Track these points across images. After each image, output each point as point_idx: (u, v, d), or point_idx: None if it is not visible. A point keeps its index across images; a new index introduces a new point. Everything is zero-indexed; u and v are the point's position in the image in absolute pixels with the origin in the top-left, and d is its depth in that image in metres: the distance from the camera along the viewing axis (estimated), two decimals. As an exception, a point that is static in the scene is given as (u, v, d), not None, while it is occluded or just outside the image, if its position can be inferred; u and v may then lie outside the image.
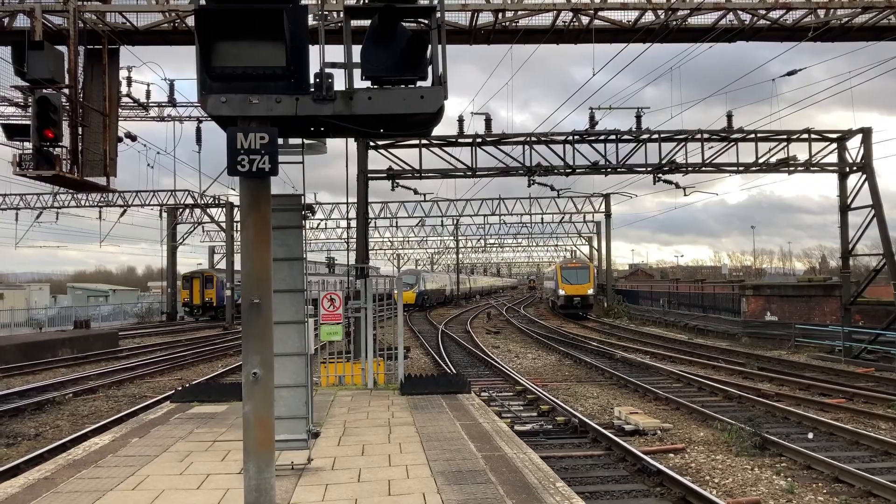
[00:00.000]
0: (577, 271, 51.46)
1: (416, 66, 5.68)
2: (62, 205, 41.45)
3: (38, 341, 27.60)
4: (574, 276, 50.99)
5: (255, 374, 5.50)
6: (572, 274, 51.23)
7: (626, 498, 8.85)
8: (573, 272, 51.41)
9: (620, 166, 24.73)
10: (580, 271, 51.63)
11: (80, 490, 6.51)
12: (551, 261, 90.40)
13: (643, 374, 20.41)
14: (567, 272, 51.54)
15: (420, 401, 11.20)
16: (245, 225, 5.72)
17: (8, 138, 15.38)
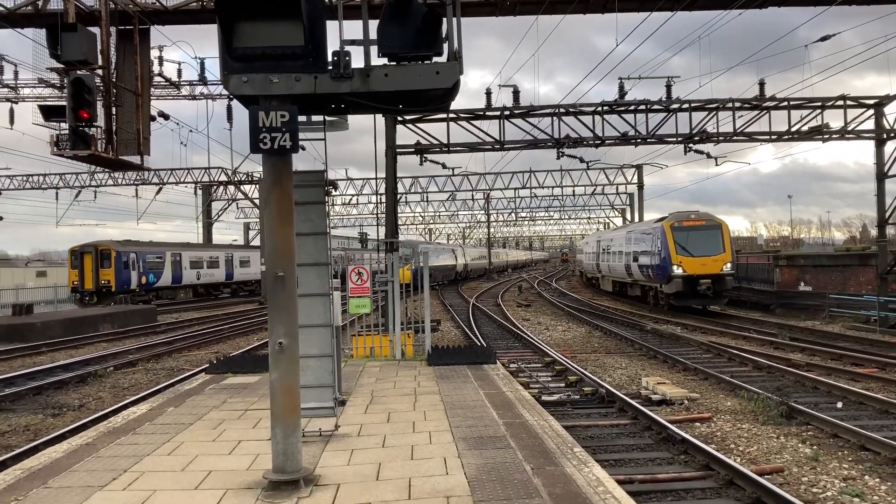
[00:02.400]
0: (701, 234, 29.10)
1: (432, 43, 5.80)
2: (100, 184, 42.25)
3: (80, 317, 28.42)
4: (697, 241, 28.97)
5: (281, 344, 5.74)
6: (694, 238, 29.02)
7: (649, 465, 8.96)
8: (695, 235, 29.06)
9: (651, 137, 24.52)
10: (707, 233, 29.18)
11: (119, 455, 6.85)
12: (584, 233, 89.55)
13: (673, 345, 20.41)
14: (683, 234, 29.11)
15: (446, 371, 11.42)
16: (268, 201, 5.93)
17: (45, 119, 15.78)
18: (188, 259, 47.20)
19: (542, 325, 27.05)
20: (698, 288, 28.54)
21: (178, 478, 6.10)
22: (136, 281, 41.41)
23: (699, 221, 30.26)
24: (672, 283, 29.24)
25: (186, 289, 47.66)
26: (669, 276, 29.27)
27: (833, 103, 24.28)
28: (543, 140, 24.22)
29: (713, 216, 30.99)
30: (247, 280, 54.31)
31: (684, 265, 28.93)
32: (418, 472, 6.03)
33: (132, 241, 42.96)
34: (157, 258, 43.92)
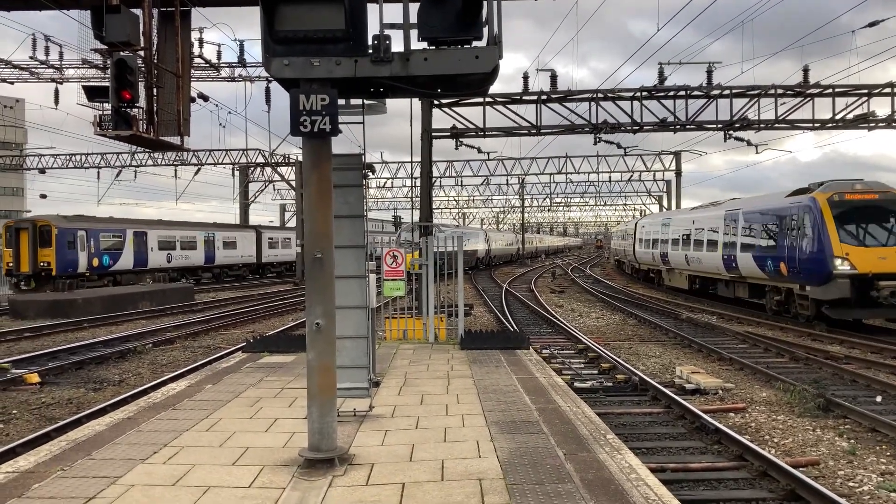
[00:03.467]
0: (879, 211, 20.65)
1: (472, 26, 5.79)
2: (140, 164, 42.96)
3: (120, 294, 29.05)
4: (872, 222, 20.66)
5: (318, 325, 5.82)
6: (867, 219, 20.71)
7: (682, 454, 8.91)
8: (869, 214, 20.72)
9: (690, 123, 24.17)
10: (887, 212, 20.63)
11: (159, 430, 7.02)
12: (619, 219, 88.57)
13: (708, 334, 20.20)
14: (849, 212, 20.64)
15: (479, 355, 11.47)
16: (308, 183, 6.00)
17: (89, 100, 16.08)
18: (156, 238, 41.79)
19: (575, 311, 26.96)
20: (876, 293, 19.49)
21: (215, 454, 6.24)
22: (87, 263, 35.64)
23: (871, 194, 20.60)
24: (832, 284, 19.91)
25: (155, 273, 41.49)
26: (827, 273, 19.98)
27: (880, 90, 23.66)
28: (581, 125, 24.02)
29: (890, 186, 21.19)
30: (231, 264, 49.79)
31: (853, 258, 19.76)
32: (451, 454, 6.09)
33: (84, 217, 37.97)
34: (114, 237, 38.48)
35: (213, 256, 47.61)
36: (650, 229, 39.72)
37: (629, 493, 5.04)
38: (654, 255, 38.25)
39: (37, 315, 25.51)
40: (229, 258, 49.45)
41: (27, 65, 25.21)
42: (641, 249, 41.79)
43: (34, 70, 25.25)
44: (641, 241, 41.84)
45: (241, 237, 50.79)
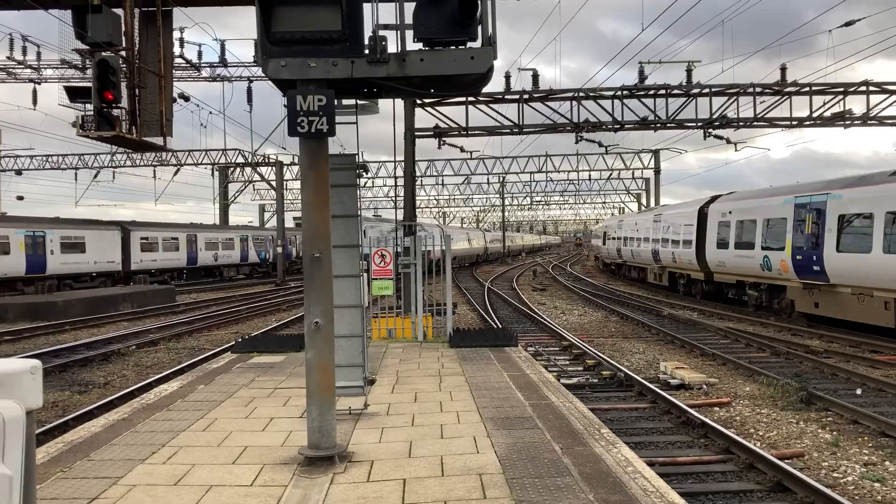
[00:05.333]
0: None
1: (467, 27, 5.86)
2: (118, 165, 42.57)
3: (100, 296, 28.79)
4: None
5: (317, 324, 5.87)
6: None
7: (670, 449, 9.05)
8: None
9: (670, 121, 24.44)
10: None
11: (155, 430, 7.03)
12: (598, 218, 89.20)
13: (690, 330, 20.45)
14: None
15: (468, 353, 11.55)
16: (305, 183, 6.05)
17: (71, 100, 15.94)
18: None
19: (558, 308, 27.14)
20: None
21: (214, 453, 6.26)
22: None
23: None
24: None
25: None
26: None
27: (855, 89, 24.08)
28: (563, 124, 24.19)
29: None
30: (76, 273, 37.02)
31: None
32: (449, 450, 6.17)
33: None
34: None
35: (44, 263, 34.81)
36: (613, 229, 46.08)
37: (627, 486, 5.14)
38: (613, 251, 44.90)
39: (16, 318, 25.22)
40: (72, 265, 36.30)
41: (4, 65, 24.90)
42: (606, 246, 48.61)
43: (11, 70, 24.95)
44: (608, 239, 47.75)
45: (95, 237, 38.23)
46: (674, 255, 30.80)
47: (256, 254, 54.58)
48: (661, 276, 33.52)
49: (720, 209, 25.87)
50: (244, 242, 52.89)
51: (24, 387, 2.22)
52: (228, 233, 51.84)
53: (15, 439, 2.10)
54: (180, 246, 44.61)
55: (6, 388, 2.17)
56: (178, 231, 45.17)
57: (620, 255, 42.19)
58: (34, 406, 2.26)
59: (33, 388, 2.29)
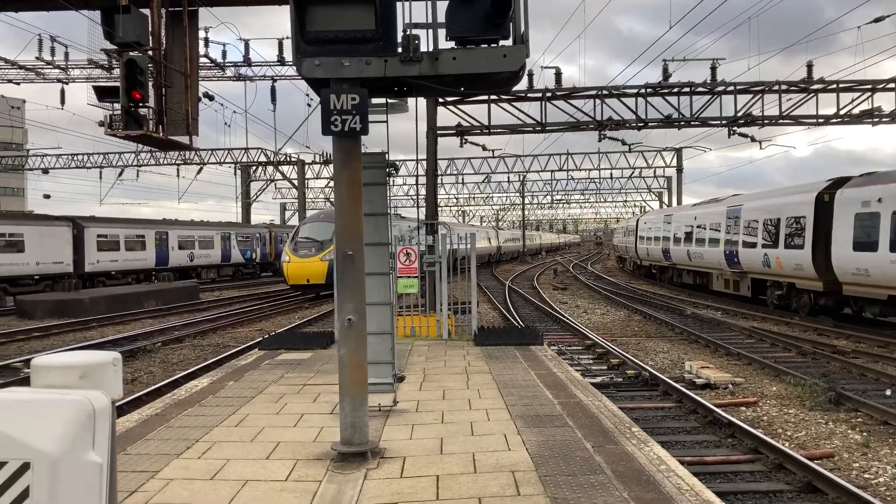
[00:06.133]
0: None
1: (500, 26, 5.87)
2: (142, 163, 43.00)
3: (125, 294, 29.11)
4: None
5: (350, 321, 5.92)
6: None
7: (697, 448, 9.02)
8: None
9: (694, 119, 24.28)
10: None
11: (188, 426, 7.12)
12: (619, 216, 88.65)
13: (714, 329, 20.33)
14: None
15: (494, 351, 11.57)
16: (338, 182, 6.10)
17: (99, 100, 16.17)
18: None
19: (580, 308, 27.08)
20: None
21: (248, 448, 6.33)
22: None
23: None
24: None
25: None
26: None
27: (884, 86, 23.77)
28: (586, 122, 24.12)
29: None
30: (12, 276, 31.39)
31: None
32: (480, 447, 6.19)
33: None
34: None
35: None
36: (652, 226, 39.39)
37: (661, 484, 5.14)
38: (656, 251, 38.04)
39: (44, 315, 25.59)
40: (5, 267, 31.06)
41: (33, 65, 25.25)
42: (643, 246, 41.23)
43: (40, 70, 25.29)
44: (643, 237, 41.13)
45: (37, 234, 32.69)
46: (766, 258, 23.91)
47: (241, 254, 50.28)
48: (738, 283, 26.84)
49: (859, 196, 19.19)
50: (226, 241, 48.47)
51: (108, 378, 2.28)
52: (207, 230, 47.33)
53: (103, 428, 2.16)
54: (147, 244, 40.17)
55: (92, 378, 2.23)
56: (144, 228, 40.73)
57: (667, 257, 35.97)
58: (116, 396, 2.32)
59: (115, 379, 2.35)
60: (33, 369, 2.40)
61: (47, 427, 2.05)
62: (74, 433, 2.05)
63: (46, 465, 2.06)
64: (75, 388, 2.17)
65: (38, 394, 2.17)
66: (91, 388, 2.19)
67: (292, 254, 30.68)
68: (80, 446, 2.07)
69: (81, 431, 2.06)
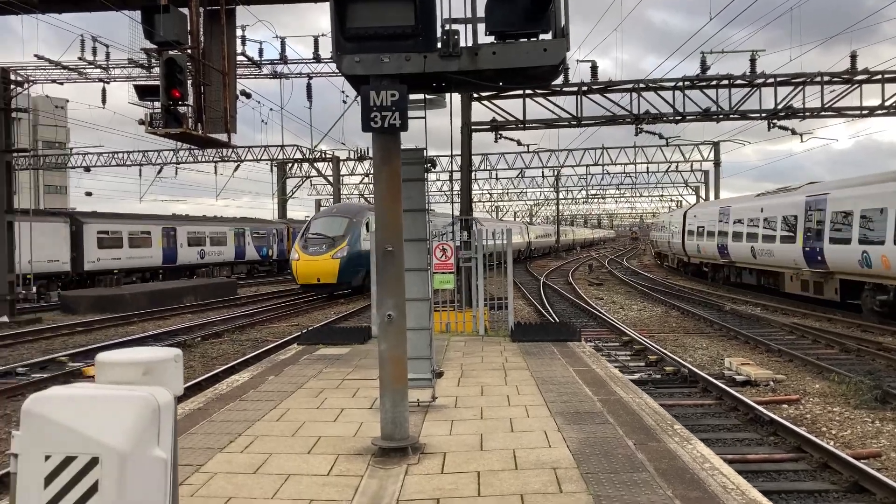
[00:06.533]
0: None
1: (540, 19, 5.83)
2: (180, 161, 43.63)
3: (165, 289, 29.59)
4: None
5: (390, 316, 5.94)
6: None
7: (738, 446, 8.90)
8: None
9: (733, 112, 23.89)
10: None
11: (231, 420, 7.21)
12: (655, 211, 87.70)
13: (754, 325, 20.02)
14: None
15: (531, 347, 11.53)
16: (378, 178, 6.12)
17: (140, 98, 16.46)
18: None
19: (616, 304, 26.86)
20: None
21: (290, 442, 6.39)
22: None
23: None
24: None
25: None
26: None
27: (932, 76, 23.15)
28: (622, 116, 23.88)
29: None
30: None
31: None
32: (520, 444, 6.17)
33: None
34: None
35: None
36: (704, 219, 35.22)
37: (706, 482, 5.07)
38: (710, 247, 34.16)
39: (86, 310, 26.13)
40: None
41: (76, 65, 25.76)
42: (693, 241, 37.24)
43: (82, 70, 25.79)
44: (692, 232, 37.09)
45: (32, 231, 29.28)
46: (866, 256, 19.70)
47: (256, 250, 48.07)
48: (821, 285, 23.12)
49: None
50: (240, 237, 46.43)
51: (169, 374, 2.32)
52: (220, 226, 45.30)
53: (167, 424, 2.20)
54: (153, 241, 38.34)
55: (155, 375, 2.26)
56: (150, 223, 38.75)
57: (723, 254, 32.18)
58: (178, 393, 2.35)
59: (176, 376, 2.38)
60: (98, 365, 2.45)
61: (115, 423, 2.09)
62: (141, 429, 2.09)
63: (115, 460, 2.09)
64: (138, 385, 2.21)
65: (105, 390, 2.22)
66: (154, 384, 2.23)
67: (302, 251, 28.91)
68: (146, 442, 2.10)
69: (147, 427, 2.10)
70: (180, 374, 2.42)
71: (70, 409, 2.16)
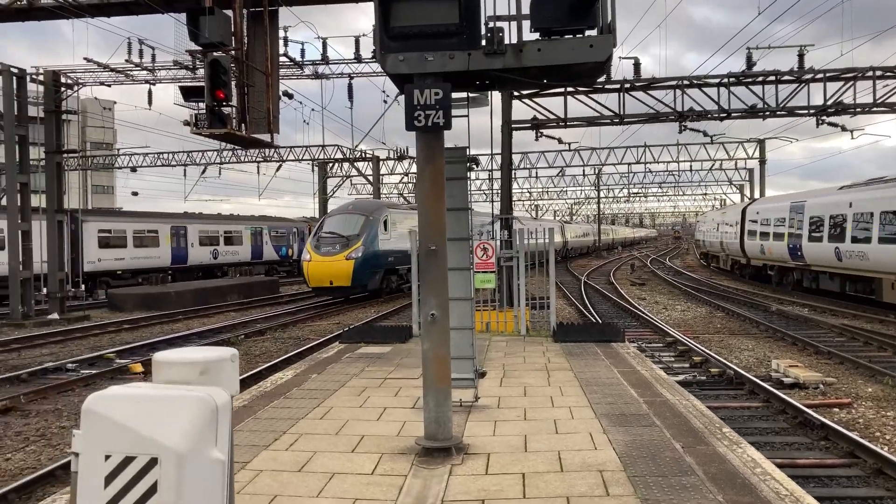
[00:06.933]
0: None
1: (586, 15, 5.74)
2: (224, 161, 44.25)
3: (209, 287, 30.06)
4: None
5: (433, 315, 5.91)
6: None
7: (787, 450, 8.69)
8: None
9: (780, 109, 23.36)
10: None
11: (275, 417, 7.26)
12: (698, 209, 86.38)
13: (801, 327, 19.56)
14: None
15: (574, 348, 11.41)
16: (421, 177, 6.10)
17: (185, 99, 16.74)
18: None
19: (659, 304, 26.50)
20: None
21: (334, 441, 6.41)
22: None
23: None
24: None
25: None
26: None
27: None
28: (665, 113, 23.53)
29: None
30: None
31: None
32: (565, 445, 6.10)
33: None
34: None
35: None
36: (770, 216, 31.74)
37: (758, 488, 4.95)
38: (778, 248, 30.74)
39: (133, 308, 26.67)
40: None
41: (123, 68, 26.30)
42: (754, 241, 33.20)
43: (129, 73, 26.33)
44: (754, 232, 33.14)
45: None
46: None
47: (275, 250, 46.03)
48: None
49: None
50: (257, 236, 44.64)
51: (226, 374, 2.32)
52: (235, 224, 43.36)
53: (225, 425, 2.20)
54: (161, 240, 36.35)
55: (212, 375, 2.27)
56: (158, 222, 36.75)
57: (795, 256, 28.36)
58: (234, 393, 2.35)
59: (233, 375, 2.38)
60: (155, 365, 2.46)
61: (173, 423, 2.09)
62: (199, 430, 2.09)
63: (173, 461, 2.10)
64: (195, 384, 2.21)
65: (163, 390, 2.22)
66: (210, 384, 2.23)
67: (314, 251, 27.02)
68: (204, 443, 2.10)
69: (206, 428, 2.09)
70: (236, 373, 2.41)
71: (129, 409, 2.17)
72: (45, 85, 24.37)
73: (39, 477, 7.83)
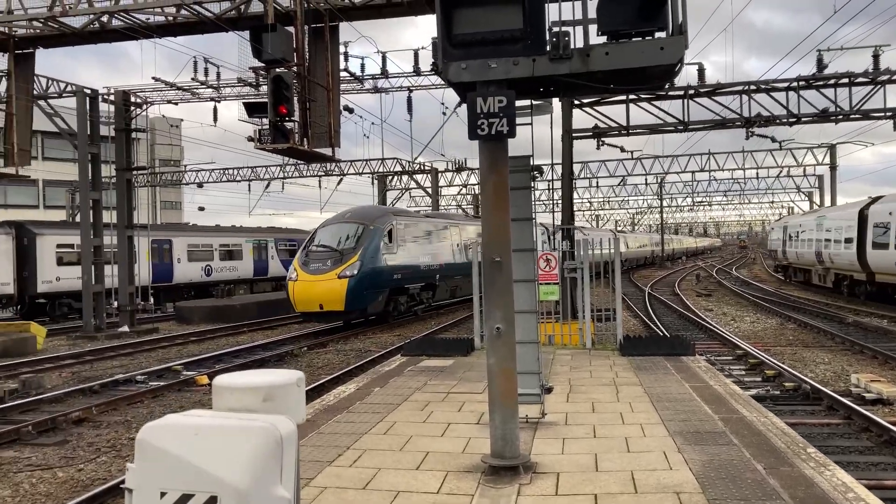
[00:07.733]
0: None
1: (656, 16, 5.52)
2: (286, 176, 44.94)
3: (273, 300, 30.47)
4: None
5: (499, 329, 5.74)
6: None
7: (872, 470, 8.21)
8: None
9: (854, 113, 22.44)
10: None
11: (338, 432, 7.18)
12: (765, 217, 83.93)
13: (881, 339, 18.65)
14: None
15: (642, 362, 11.06)
16: (485, 187, 5.95)
17: (249, 115, 17.04)
18: None
19: (727, 315, 25.70)
20: None
21: (398, 457, 6.28)
22: None
23: None
24: None
25: None
26: None
27: None
28: (731, 119, 22.87)
29: None
30: None
31: None
32: (638, 465, 5.83)
33: None
34: None
35: None
36: None
37: (851, 515, 4.61)
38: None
39: (200, 320, 27.22)
40: None
41: (189, 86, 26.98)
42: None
43: (195, 91, 27.01)
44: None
45: None
46: None
47: (283, 265, 40.05)
48: None
49: None
50: (260, 250, 40.39)
51: (292, 400, 2.16)
52: (233, 237, 38.90)
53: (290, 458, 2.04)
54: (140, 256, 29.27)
55: (277, 401, 2.11)
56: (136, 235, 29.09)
57: None
58: (301, 421, 2.19)
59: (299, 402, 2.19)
60: (215, 390, 2.30)
61: (234, 457, 1.92)
62: (262, 464, 1.92)
63: (234, 500, 1.93)
64: (258, 412, 2.05)
65: (222, 419, 2.06)
66: (274, 411, 2.07)
67: (301, 268, 22.56)
68: (267, 479, 1.94)
69: (269, 462, 1.93)
70: (303, 399, 2.26)
71: (186, 441, 2.02)
72: (115, 104, 25.19)
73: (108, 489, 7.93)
